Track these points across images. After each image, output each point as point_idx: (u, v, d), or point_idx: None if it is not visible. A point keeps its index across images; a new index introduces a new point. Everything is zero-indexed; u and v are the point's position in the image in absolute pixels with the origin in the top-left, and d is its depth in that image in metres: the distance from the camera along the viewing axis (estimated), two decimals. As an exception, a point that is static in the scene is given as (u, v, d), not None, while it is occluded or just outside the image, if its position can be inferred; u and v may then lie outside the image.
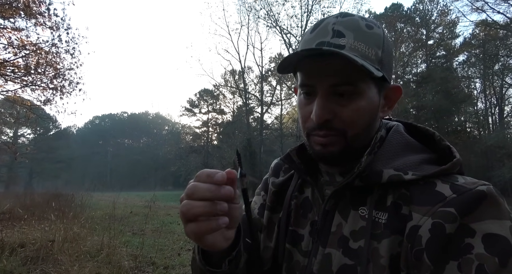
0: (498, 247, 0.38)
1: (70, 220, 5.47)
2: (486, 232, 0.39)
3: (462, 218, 0.40)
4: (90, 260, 3.82)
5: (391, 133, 0.55)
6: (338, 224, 0.52)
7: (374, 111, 0.52)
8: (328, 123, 0.50)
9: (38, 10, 9.19)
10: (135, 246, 4.89)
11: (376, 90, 0.51)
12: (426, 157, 0.51)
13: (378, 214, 0.48)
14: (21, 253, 3.96)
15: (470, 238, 0.39)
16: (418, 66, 28.48)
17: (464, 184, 0.44)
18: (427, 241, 0.41)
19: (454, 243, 0.40)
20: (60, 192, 11.56)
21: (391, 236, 0.45)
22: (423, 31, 27.41)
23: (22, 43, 9.15)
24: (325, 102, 0.49)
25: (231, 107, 39.87)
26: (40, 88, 9.81)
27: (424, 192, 0.45)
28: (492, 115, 29.10)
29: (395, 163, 0.50)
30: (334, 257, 0.50)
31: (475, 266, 0.38)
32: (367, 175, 0.50)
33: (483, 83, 28.16)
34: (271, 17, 25.67)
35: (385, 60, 0.51)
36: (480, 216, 0.40)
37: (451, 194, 0.43)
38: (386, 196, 0.49)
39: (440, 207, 0.42)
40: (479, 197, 0.41)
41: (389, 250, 0.45)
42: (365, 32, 0.49)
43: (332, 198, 0.54)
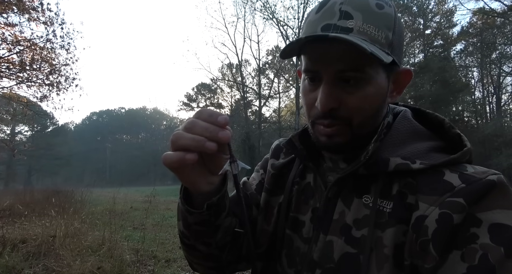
0: (505, 237, 0.37)
1: (70, 216, 5.49)
2: (493, 222, 0.38)
3: (470, 208, 0.39)
4: (92, 254, 3.84)
5: (399, 119, 0.53)
6: (340, 212, 0.51)
7: (382, 98, 0.49)
8: (334, 111, 0.47)
9: (31, 5, 9.06)
10: (136, 240, 4.92)
11: (385, 75, 0.48)
12: (434, 145, 0.49)
13: (383, 203, 0.46)
14: (23, 249, 3.98)
15: (475, 228, 0.38)
16: (416, 56, 28.38)
17: (473, 173, 0.42)
18: (434, 232, 0.40)
19: (459, 233, 0.39)
20: (59, 188, 11.57)
21: (396, 225, 0.44)
22: (421, 21, 27.23)
23: (16, 39, 9.04)
24: (331, 89, 0.47)
25: (229, 101, 39.74)
26: (36, 84, 9.74)
27: (431, 181, 0.44)
28: (489, 104, 29.16)
29: (402, 151, 0.48)
30: (336, 244, 0.49)
31: (478, 255, 0.37)
32: (373, 163, 0.48)
33: (480, 72, 28.14)
34: (268, 9, 25.41)
35: (396, 42, 0.47)
36: (488, 205, 0.39)
37: (460, 184, 0.41)
38: (391, 185, 0.47)
39: (448, 197, 0.41)
40: (489, 187, 0.40)
41: (394, 239, 0.44)
42: (375, 12, 0.45)
43: (335, 185, 0.52)
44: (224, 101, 40.91)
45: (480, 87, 28.97)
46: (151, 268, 3.69)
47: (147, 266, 3.84)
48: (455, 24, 26.92)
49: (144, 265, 3.82)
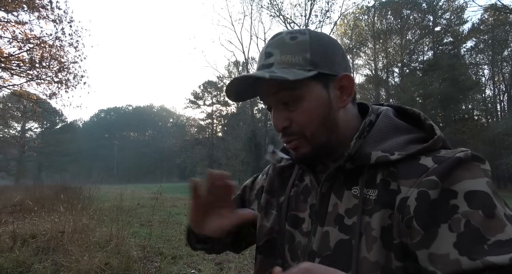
0: (479, 201, 0.42)
1: (79, 212, 5.56)
2: (466, 190, 0.43)
3: (443, 183, 0.44)
4: (100, 250, 3.88)
5: (380, 117, 0.58)
6: (334, 204, 0.56)
7: (325, 106, 0.55)
8: (287, 129, 0.56)
9: (40, 3, 9.15)
10: (143, 236, 4.97)
11: (320, 86, 0.54)
12: (412, 137, 0.54)
13: (369, 192, 0.52)
14: (33, 244, 4.05)
15: (454, 199, 0.43)
16: (425, 53, 27.98)
17: (445, 154, 0.48)
18: (415, 209, 0.45)
19: (441, 207, 0.43)
20: (68, 184, 11.75)
21: (381, 209, 0.49)
22: (430, 18, 26.81)
23: (26, 37, 9.16)
24: (278, 113, 0.56)
25: (235, 99, 39.76)
26: (45, 82, 9.86)
27: (409, 167, 0.49)
28: (500, 102, 28.65)
29: (383, 145, 0.53)
30: (332, 234, 0.54)
31: (463, 223, 0.41)
32: (357, 158, 0.54)
33: (491, 70, 27.61)
34: (275, 6, 25.26)
35: (318, 59, 0.54)
36: (458, 178, 0.44)
37: (433, 165, 0.47)
38: (375, 175, 0.52)
39: (424, 177, 0.46)
40: (456, 162, 0.45)
41: (380, 222, 0.49)
42: (289, 44, 0.54)
43: (327, 181, 0.58)
44: (231, 99, 40.96)
45: (491, 85, 28.46)
46: (157, 265, 3.72)
47: (154, 262, 3.87)
48: (465, 21, 26.43)
49: (150, 262, 3.85)
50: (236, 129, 31.04)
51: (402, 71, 27.55)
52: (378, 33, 27.30)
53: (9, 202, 8.63)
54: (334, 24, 26.28)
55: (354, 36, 27.94)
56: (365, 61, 31.06)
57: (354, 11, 27.50)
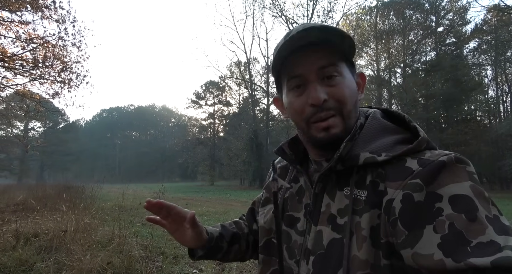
0: (463, 205, 0.43)
1: (81, 211, 5.57)
2: (450, 194, 0.44)
3: (427, 187, 0.46)
4: (102, 249, 3.89)
5: (369, 119, 0.60)
6: (327, 204, 0.58)
7: (355, 91, 0.59)
8: (326, 103, 0.55)
9: (44, 3, 9.19)
10: (145, 236, 4.97)
11: (351, 74, 0.59)
12: (399, 138, 0.56)
13: (359, 192, 0.53)
14: (35, 243, 4.06)
15: (439, 203, 0.44)
16: (427, 54, 27.85)
17: (429, 157, 0.49)
18: (400, 211, 0.47)
19: (426, 209, 0.45)
20: (70, 184, 11.79)
21: (370, 210, 0.51)
22: (433, 18, 26.69)
23: (29, 37, 9.19)
24: (318, 86, 0.56)
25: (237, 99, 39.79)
26: (48, 81, 9.88)
27: (396, 169, 0.51)
28: (503, 103, 28.47)
29: (371, 146, 0.55)
30: (325, 232, 0.56)
31: (447, 225, 0.43)
32: (347, 159, 0.55)
33: (494, 71, 27.45)
34: (277, 6, 25.30)
35: (352, 50, 0.59)
36: (443, 182, 0.45)
37: (418, 167, 0.48)
38: (365, 176, 0.54)
39: (409, 180, 0.48)
40: (440, 166, 0.47)
41: (369, 222, 0.50)
42: (330, 25, 0.56)
43: (320, 181, 0.60)
44: (232, 99, 40.96)
45: (494, 86, 28.28)
46: (159, 264, 3.73)
47: (156, 262, 3.88)
48: (468, 22, 26.28)
49: (152, 261, 3.86)
50: (237, 129, 31.05)
51: (404, 72, 27.46)
52: (380, 33, 27.24)
53: (12, 201, 8.67)
54: (337, 24, 26.25)
55: (356, 36, 27.89)
56: (367, 61, 30.97)
57: (356, 11, 27.49)
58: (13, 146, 30.20)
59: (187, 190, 22.55)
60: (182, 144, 43.11)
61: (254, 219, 0.86)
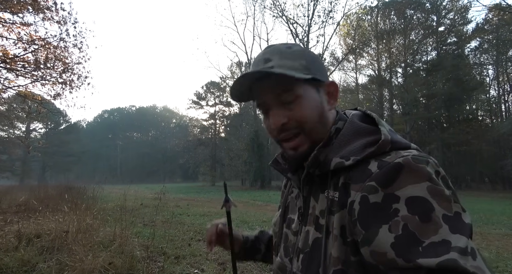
0: (417, 207, 0.45)
1: (82, 212, 5.58)
2: (407, 196, 0.46)
3: (385, 188, 0.48)
4: (103, 250, 3.90)
5: (346, 124, 0.62)
6: (312, 206, 0.63)
7: (318, 106, 0.61)
8: (286, 125, 0.60)
9: (45, 4, 9.22)
10: (146, 236, 4.98)
11: (314, 90, 0.61)
12: (370, 140, 0.57)
13: (335, 194, 0.57)
14: (37, 243, 4.07)
15: (396, 204, 0.46)
16: (428, 54, 27.81)
17: (388, 159, 0.51)
18: (358, 212, 0.50)
19: (383, 210, 0.47)
20: (72, 184, 11.83)
21: (340, 211, 0.54)
22: (434, 18, 26.66)
23: (31, 38, 9.23)
24: (277, 111, 0.61)
25: (238, 99, 39.73)
26: (50, 82, 9.92)
27: (359, 171, 0.53)
28: (505, 102, 28.40)
29: (343, 151, 0.58)
30: (310, 232, 0.61)
31: (401, 226, 0.45)
32: (321, 165, 0.59)
33: (496, 70, 27.40)
34: (277, 7, 25.30)
35: (311, 66, 0.61)
36: (401, 184, 0.47)
37: (376, 170, 0.51)
38: (339, 179, 0.57)
39: (367, 182, 0.50)
40: (397, 168, 0.48)
41: (339, 222, 0.54)
42: (287, 52, 0.61)
43: (306, 185, 0.65)
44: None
45: (495, 86, 28.23)
46: (160, 264, 3.73)
47: (157, 262, 3.89)
48: (469, 21, 26.24)
49: (154, 261, 3.87)
50: (238, 129, 31.07)
51: (405, 72, 27.42)
52: (381, 33, 27.22)
53: (14, 202, 8.70)
54: (337, 24, 26.23)
55: (357, 36, 27.87)
56: (368, 61, 30.96)
57: (357, 11, 27.45)
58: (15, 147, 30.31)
59: (188, 191, 22.57)
60: (183, 145, 43.16)
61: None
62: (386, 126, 0.59)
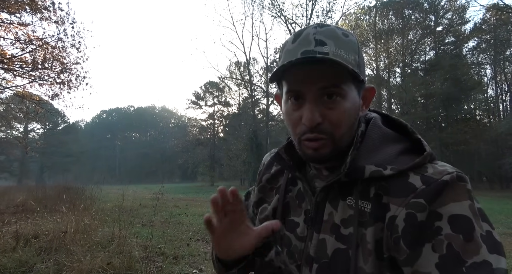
0: (461, 225, 0.44)
1: (81, 212, 5.57)
2: (450, 214, 0.45)
3: (430, 206, 0.46)
4: (102, 250, 3.90)
5: (370, 127, 0.59)
6: (329, 213, 0.58)
7: (356, 112, 0.56)
8: (319, 126, 0.53)
9: (43, 4, 9.18)
10: (145, 237, 4.98)
11: (356, 91, 0.55)
12: (401, 147, 0.56)
13: (364, 203, 0.54)
14: (35, 244, 4.06)
15: (439, 221, 0.45)
16: (427, 53, 27.90)
17: (432, 174, 0.49)
18: (402, 229, 0.47)
19: (427, 228, 0.46)
20: (70, 185, 11.79)
21: (374, 224, 0.51)
22: (432, 18, 26.73)
23: (28, 38, 9.20)
24: (315, 106, 0.53)
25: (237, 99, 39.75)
26: (47, 83, 9.88)
27: (399, 184, 0.51)
28: (503, 102, 28.51)
29: (375, 158, 0.54)
30: (328, 242, 0.56)
31: (445, 245, 0.44)
32: (352, 171, 0.54)
33: (493, 70, 27.49)
34: (276, 7, 25.30)
35: (361, 64, 0.56)
36: (444, 201, 0.46)
37: (421, 185, 0.48)
38: (369, 188, 0.54)
39: (412, 198, 0.48)
40: (443, 186, 0.47)
41: (374, 236, 0.51)
42: (343, 40, 0.53)
43: (322, 191, 0.59)
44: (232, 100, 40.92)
45: (493, 85, 28.33)
46: (159, 265, 3.73)
47: (156, 262, 3.88)
48: (467, 21, 26.34)
49: (152, 262, 3.86)
50: (237, 129, 31.05)
51: (403, 71, 27.49)
52: (379, 33, 27.28)
53: (11, 203, 8.67)
54: (336, 24, 26.27)
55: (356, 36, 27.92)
56: (366, 61, 30.94)
57: (356, 11, 27.51)
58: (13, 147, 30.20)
59: (187, 191, 22.55)
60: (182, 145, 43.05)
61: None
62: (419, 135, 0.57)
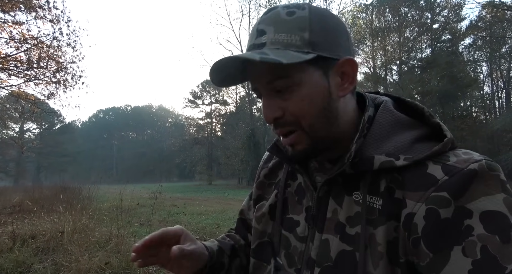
0: (496, 224, 0.37)
1: (78, 212, 5.55)
2: (482, 210, 0.38)
3: (456, 201, 0.39)
4: (100, 250, 3.88)
5: (380, 111, 0.51)
6: (333, 210, 0.51)
7: (324, 95, 0.48)
8: (280, 119, 0.49)
9: (37, 3, 9.12)
10: (143, 236, 4.96)
11: (320, 72, 0.47)
12: (417, 134, 0.48)
13: (373, 199, 0.47)
14: (32, 244, 4.04)
15: (468, 219, 0.38)
16: (423, 51, 27.95)
17: (455, 163, 0.42)
18: (423, 229, 0.41)
19: (454, 227, 0.39)
20: (67, 185, 11.73)
21: (386, 222, 0.45)
22: (428, 15, 26.78)
23: (23, 37, 9.12)
24: (269, 101, 0.49)
25: (234, 98, 39.72)
26: (43, 82, 9.83)
27: (416, 176, 0.44)
28: (499, 99, 28.70)
29: (386, 146, 0.47)
30: (332, 243, 0.50)
31: (478, 248, 0.37)
32: (358, 162, 0.47)
33: (489, 67, 27.66)
34: (272, 4, 25.24)
35: (320, 39, 0.46)
36: (474, 195, 0.39)
37: (443, 176, 0.41)
38: (379, 181, 0.47)
39: (432, 192, 0.41)
40: (471, 176, 0.40)
41: (386, 236, 0.44)
42: (285, 21, 0.47)
43: (325, 185, 0.53)
44: (229, 98, 40.90)
45: (489, 82, 28.52)
46: (157, 264, 3.73)
47: (154, 261, 3.88)
48: (463, 18, 26.42)
49: (151, 261, 3.85)
50: (235, 128, 31.03)
51: (400, 69, 27.55)
52: (376, 31, 27.30)
53: (8, 203, 8.60)
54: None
55: (352, 34, 27.92)
56: (363, 59, 31.04)
57: (352, 9, 27.52)
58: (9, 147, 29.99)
59: (185, 190, 22.52)
60: (180, 144, 43.01)
61: (247, 230, 0.75)
62: (438, 119, 0.49)
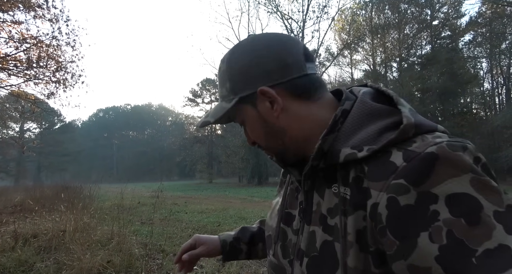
0: (462, 207, 0.36)
1: (79, 211, 5.56)
2: (447, 193, 0.37)
3: (418, 186, 0.38)
4: (101, 248, 3.89)
5: (356, 104, 0.51)
6: (317, 203, 0.54)
7: (260, 123, 0.56)
8: (256, 144, 0.61)
9: (36, 2, 9.10)
10: (144, 234, 4.98)
11: (249, 106, 0.55)
12: (388, 123, 0.47)
13: (345, 190, 0.48)
14: (34, 243, 4.05)
15: (434, 204, 0.37)
16: (423, 48, 27.89)
17: (416, 147, 0.41)
18: (386, 218, 0.40)
19: (419, 213, 0.38)
20: (68, 184, 11.76)
21: (354, 212, 0.45)
22: (428, 12, 26.69)
23: (22, 37, 9.11)
24: (245, 132, 0.62)
25: (234, 96, 39.66)
26: (43, 81, 9.82)
27: (379, 165, 0.44)
28: (499, 95, 28.64)
29: (354, 139, 0.48)
30: (317, 234, 0.52)
31: (444, 233, 0.36)
32: (328, 156, 0.50)
33: (489, 63, 27.60)
34: (272, 2, 25.15)
35: (237, 84, 0.54)
36: (437, 178, 0.38)
37: (402, 163, 0.41)
38: (349, 171, 0.48)
39: (392, 180, 0.40)
40: (430, 160, 0.39)
41: (355, 225, 0.45)
42: (220, 76, 0.58)
43: (307, 179, 0.55)
44: (229, 97, 40.82)
45: (489, 79, 28.45)
46: (159, 262, 3.74)
47: (156, 259, 3.89)
48: (463, 14, 26.37)
49: (152, 259, 3.86)
50: (235, 126, 30.98)
51: (400, 66, 27.51)
52: (376, 28, 27.23)
53: (9, 203, 8.64)
54: (332, 19, 26.21)
55: (352, 31, 27.87)
56: (363, 56, 31.01)
57: (352, 6, 27.44)
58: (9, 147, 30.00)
59: (186, 188, 22.56)
60: (180, 143, 43.07)
61: None
62: (406, 105, 0.48)
